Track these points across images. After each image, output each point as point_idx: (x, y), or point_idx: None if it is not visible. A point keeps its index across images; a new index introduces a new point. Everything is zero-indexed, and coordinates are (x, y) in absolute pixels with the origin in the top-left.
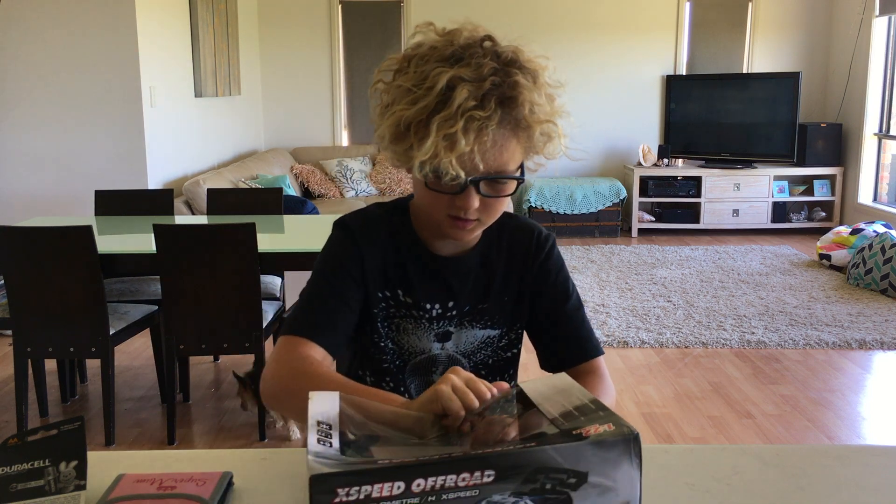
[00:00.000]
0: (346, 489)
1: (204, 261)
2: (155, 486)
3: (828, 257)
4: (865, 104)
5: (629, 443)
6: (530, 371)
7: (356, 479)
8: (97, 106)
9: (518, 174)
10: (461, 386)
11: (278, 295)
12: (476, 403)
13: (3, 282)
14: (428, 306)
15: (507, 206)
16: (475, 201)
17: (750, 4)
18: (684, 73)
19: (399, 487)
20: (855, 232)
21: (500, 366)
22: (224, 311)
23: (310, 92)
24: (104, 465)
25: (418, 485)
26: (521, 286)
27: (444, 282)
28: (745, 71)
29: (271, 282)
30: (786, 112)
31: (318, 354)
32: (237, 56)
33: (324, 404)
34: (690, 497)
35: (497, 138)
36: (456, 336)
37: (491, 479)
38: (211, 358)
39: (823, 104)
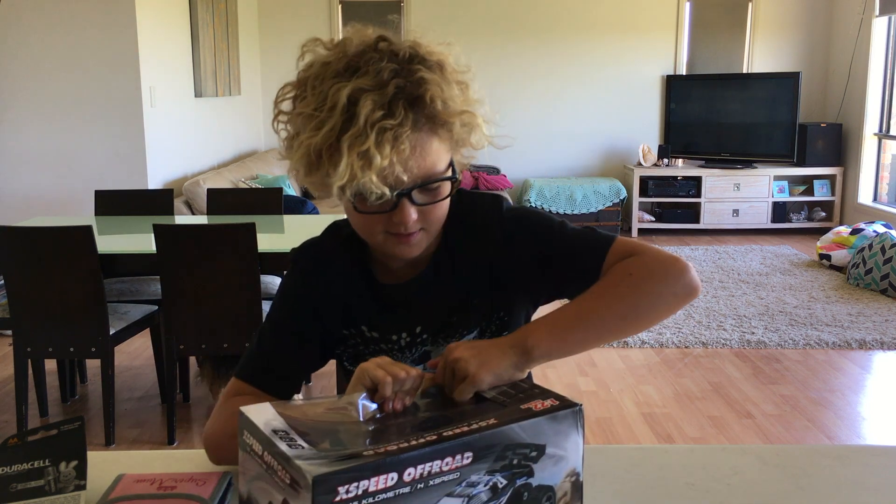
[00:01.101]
0: (346, 486)
1: (204, 261)
2: (155, 486)
3: (828, 257)
4: (865, 104)
5: (576, 414)
6: None
7: (355, 474)
8: (97, 106)
9: (449, 173)
10: (382, 362)
11: (274, 298)
12: (402, 373)
13: (3, 282)
14: (395, 337)
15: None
16: (412, 213)
17: (750, 4)
18: (684, 73)
19: (393, 478)
20: (855, 232)
21: None
22: (224, 311)
23: None
24: (104, 465)
25: (409, 474)
26: (495, 272)
27: (405, 310)
28: (745, 71)
29: (271, 282)
30: (786, 112)
31: (257, 400)
32: (237, 56)
33: (263, 415)
34: (690, 497)
35: (416, 143)
36: (436, 353)
37: (469, 460)
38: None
39: (823, 104)
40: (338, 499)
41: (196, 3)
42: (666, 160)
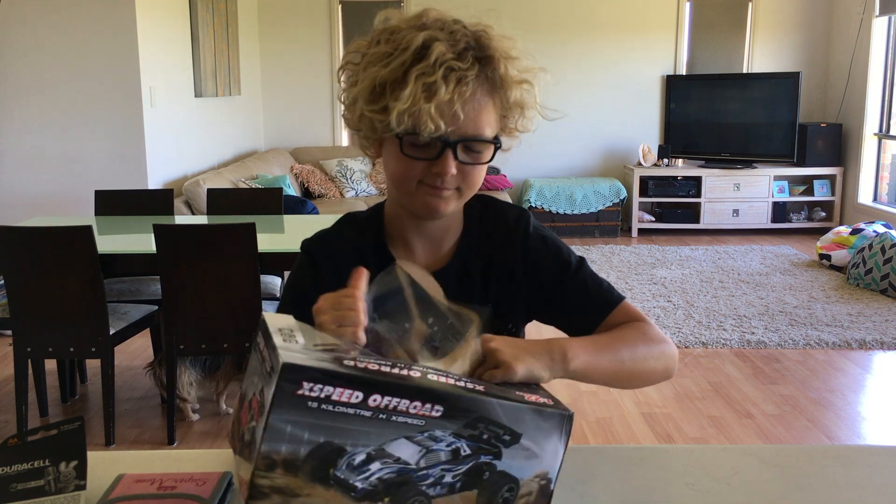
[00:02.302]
0: (312, 385)
1: (204, 261)
2: (155, 486)
3: (828, 257)
4: (865, 104)
5: (563, 419)
6: None
7: (322, 377)
8: (97, 106)
9: (496, 142)
10: (331, 313)
11: (278, 295)
12: (357, 319)
13: (3, 282)
14: (406, 325)
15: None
16: (452, 166)
17: (750, 4)
18: (684, 73)
19: (357, 397)
20: (855, 232)
21: None
22: (224, 311)
23: (310, 92)
24: (104, 465)
25: (374, 400)
26: (510, 282)
27: None
28: (745, 71)
29: (271, 282)
30: (786, 112)
31: None
32: (237, 56)
33: (279, 319)
34: (690, 497)
35: (475, 93)
36: (443, 348)
37: (439, 414)
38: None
39: (823, 104)
40: (300, 392)
41: (196, 3)
42: (666, 160)
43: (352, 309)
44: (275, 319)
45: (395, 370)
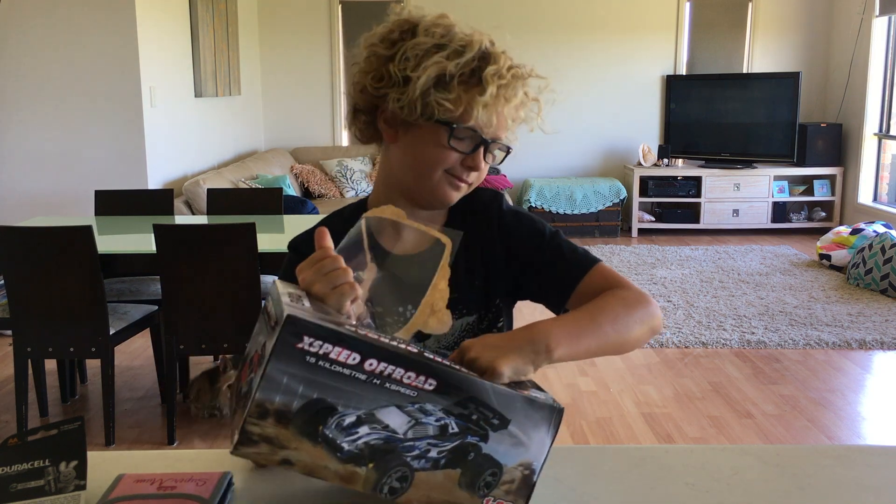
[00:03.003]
0: (312, 339)
1: (204, 261)
2: (155, 486)
3: (828, 257)
4: (865, 104)
5: (554, 412)
6: None
7: (324, 333)
8: (97, 106)
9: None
10: (320, 281)
11: None
12: (346, 275)
13: (3, 282)
14: (401, 309)
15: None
16: (483, 162)
17: (750, 4)
18: (684, 73)
19: (355, 359)
20: (855, 232)
21: None
22: (224, 311)
23: (310, 92)
24: (104, 465)
25: (370, 364)
26: (491, 260)
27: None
28: (745, 71)
29: (271, 282)
30: (786, 112)
31: None
32: (237, 56)
33: (292, 287)
34: (690, 497)
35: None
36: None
37: (431, 388)
38: (211, 358)
39: (823, 104)
40: (300, 345)
41: (196, 3)
42: (666, 160)
43: (336, 268)
44: (286, 287)
45: (394, 343)
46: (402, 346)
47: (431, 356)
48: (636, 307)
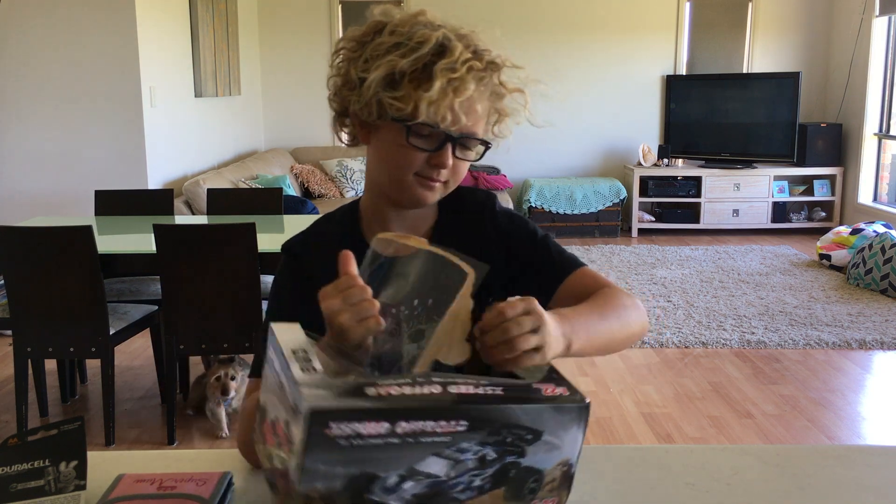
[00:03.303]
0: (339, 423)
1: (204, 261)
2: (155, 486)
3: (828, 257)
4: (865, 104)
5: (581, 411)
6: None
7: (349, 415)
8: (97, 106)
9: (488, 144)
10: (348, 311)
11: (269, 296)
12: (373, 308)
13: (3, 282)
14: (394, 311)
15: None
16: (450, 159)
17: (750, 4)
18: (684, 73)
19: (384, 427)
20: (855, 232)
21: None
22: (224, 311)
23: (310, 92)
24: (104, 465)
25: (401, 427)
26: (488, 260)
27: None
28: (745, 71)
29: (271, 282)
30: (786, 112)
31: None
32: (237, 56)
33: (289, 333)
34: (690, 497)
35: (482, 96)
36: (429, 330)
37: (464, 429)
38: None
39: (823, 104)
40: (329, 432)
41: (196, 3)
42: (666, 160)
43: (364, 299)
44: (284, 334)
45: (417, 389)
46: (426, 387)
47: (456, 388)
48: (632, 307)
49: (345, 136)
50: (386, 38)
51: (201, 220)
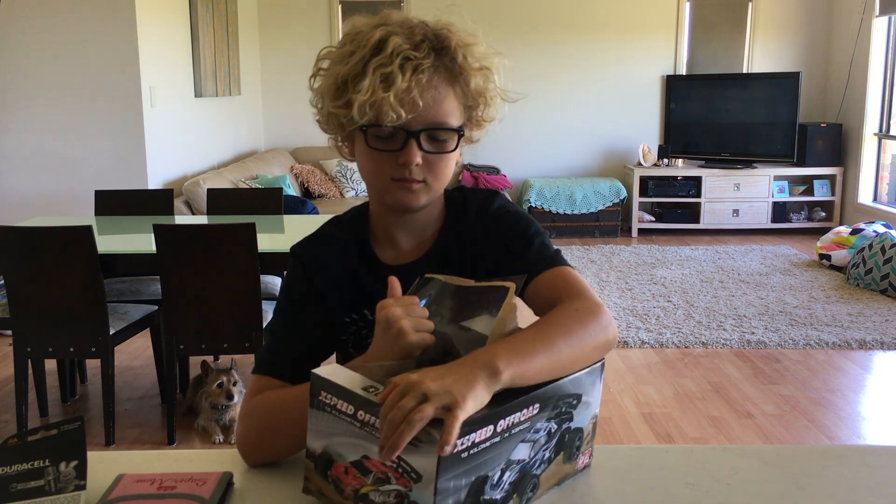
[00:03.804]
0: (461, 439)
1: (204, 261)
2: (155, 486)
3: (828, 257)
4: (865, 104)
5: (602, 367)
6: None
7: (467, 429)
8: (97, 106)
9: (459, 130)
10: (408, 319)
11: (278, 295)
12: (430, 325)
13: (3, 282)
14: None
15: (464, 180)
16: (417, 156)
17: (750, 4)
18: (684, 73)
19: (489, 430)
20: (855, 232)
21: None
22: (224, 311)
23: (310, 92)
24: (104, 465)
25: (500, 425)
26: (480, 260)
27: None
28: (745, 71)
29: (271, 282)
30: (786, 112)
31: (278, 386)
32: (237, 56)
33: (341, 375)
34: (690, 497)
35: (434, 84)
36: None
37: (536, 410)
38: (211, 358)
39: (823, 104)
40: (455, 450)
41: (196, 3)
42: (666, 160)
43: (423, 315)
44: (336, 376)
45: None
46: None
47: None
48: (588, 319)
49: (345, 151)
50: (343, 49)
51: (201, 220)
